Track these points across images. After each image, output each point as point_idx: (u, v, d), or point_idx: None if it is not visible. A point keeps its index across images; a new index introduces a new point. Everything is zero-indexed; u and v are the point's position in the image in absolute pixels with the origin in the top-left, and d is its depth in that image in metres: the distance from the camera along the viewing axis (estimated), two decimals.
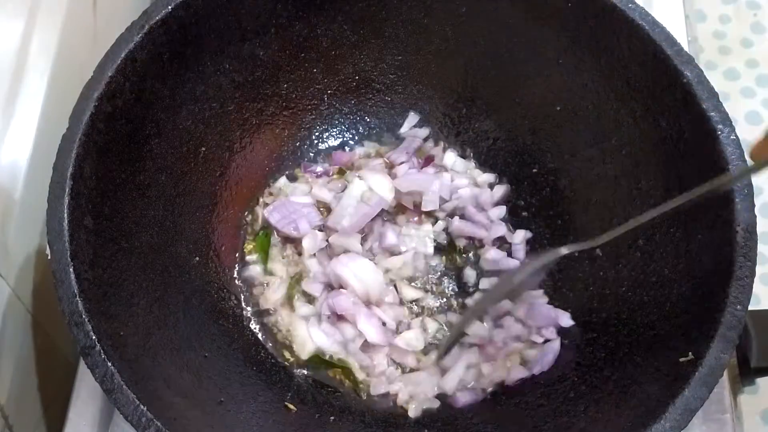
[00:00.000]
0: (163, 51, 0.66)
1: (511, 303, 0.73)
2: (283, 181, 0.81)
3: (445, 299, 0.76)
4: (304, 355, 0.71)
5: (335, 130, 0.82)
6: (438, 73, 0.80)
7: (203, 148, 0.74)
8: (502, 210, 0.80)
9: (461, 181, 0.80)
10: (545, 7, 0.70)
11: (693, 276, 0.62)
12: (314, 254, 0.76)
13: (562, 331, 0.72)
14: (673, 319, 0.62)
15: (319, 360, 0.71)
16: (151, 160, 0.68)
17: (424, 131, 0.83)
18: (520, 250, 0.78)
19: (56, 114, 0.64)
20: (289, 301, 0.75)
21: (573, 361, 0.69)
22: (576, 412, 0.64)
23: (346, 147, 0.83)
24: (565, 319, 0.71)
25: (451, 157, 0.81)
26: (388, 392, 0.71)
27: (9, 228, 0.64)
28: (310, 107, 0.81)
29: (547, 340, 0.71)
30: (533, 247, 0.77)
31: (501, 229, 0.78)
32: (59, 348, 0.73)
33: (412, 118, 0.83)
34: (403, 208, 0.79)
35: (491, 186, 0.81)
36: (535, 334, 0.72)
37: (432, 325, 0.74)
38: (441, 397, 0.71)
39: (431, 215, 0.79)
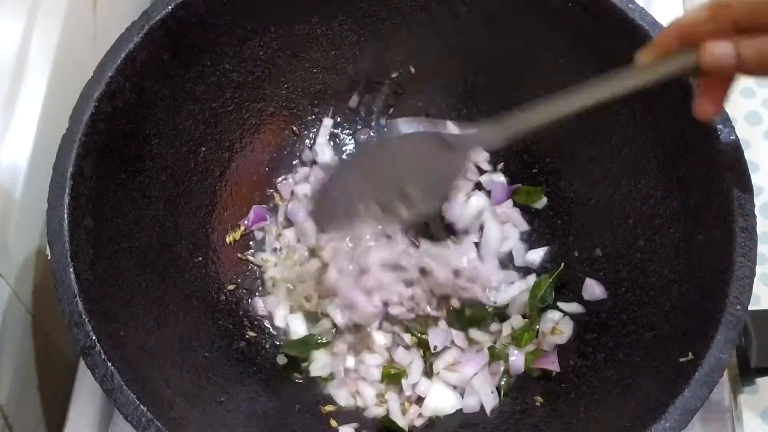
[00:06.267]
0: (163, 51, 0.66)
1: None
2: None
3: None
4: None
5: (335, 130, 0.82)
6: (438, 73, 0.80)
7: (203, 148, 0.74)
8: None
9: None
10: (545, 7, 0.70)
11: (693, 276, 0.62)
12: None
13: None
14: (673, 319, 0.62)
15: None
16: (151, 160, 0.68)
17: None
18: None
19: (56, 114, 0.64)
20: None
21: (573, 361, 0.69)
22: (576, 412, 0.64)
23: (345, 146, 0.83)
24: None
25: None
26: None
27: (9, 228, 0.64)
28: (310, 107, 0.81)
29: None
30: (533, 246, 0.77)
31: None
32: (59, 348, 0.73)
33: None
34: None
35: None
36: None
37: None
38: None
39: None
